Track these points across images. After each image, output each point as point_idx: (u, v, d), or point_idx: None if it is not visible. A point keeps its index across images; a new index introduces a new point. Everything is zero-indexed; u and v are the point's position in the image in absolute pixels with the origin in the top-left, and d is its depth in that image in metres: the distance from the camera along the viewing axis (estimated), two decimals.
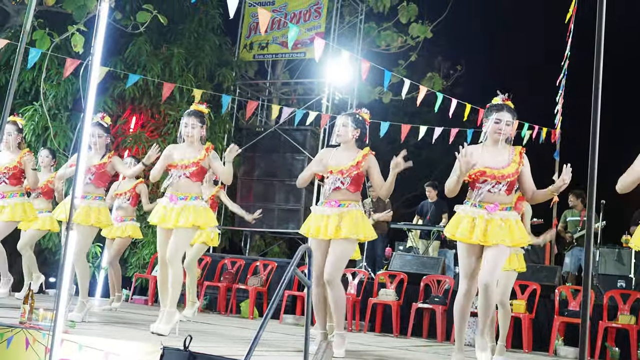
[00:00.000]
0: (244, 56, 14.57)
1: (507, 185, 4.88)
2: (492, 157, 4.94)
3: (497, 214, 4.84)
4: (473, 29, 19.84)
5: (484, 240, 4.80)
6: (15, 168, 6.71)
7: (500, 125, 4.96)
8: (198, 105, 5.93)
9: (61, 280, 3.83)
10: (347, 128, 5.40)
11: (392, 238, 11.99)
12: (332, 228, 5.20)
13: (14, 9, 11.84)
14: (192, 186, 5.65)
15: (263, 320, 3.29)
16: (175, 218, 5.51)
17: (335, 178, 5.30)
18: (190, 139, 5.73)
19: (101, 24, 4.11)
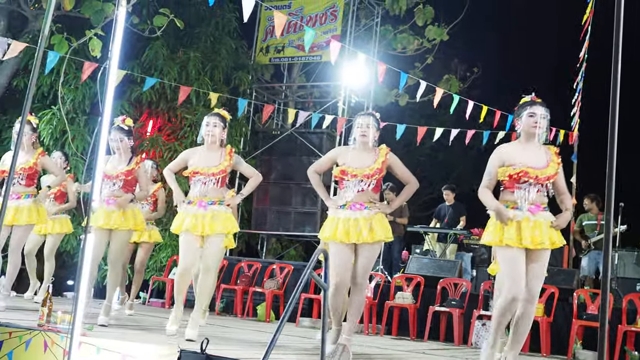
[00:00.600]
0: (260, 59, 14.61)
1: (549, 186, 4.74)
2: (530, 157, 4.77)
3: (541, 214, 4.70)
4: (489, 31, 19.78)
5: (533, 244, 4.62)
6: (30, 169, 6.58)
7: (535, 119, 4.78)
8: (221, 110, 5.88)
9: (79, 283, 3.85)
10: (371, 129, 5.26)
11: (409, 241, 11.96)
12: (366, 232, 5.09)
13: (32, 14, 11.94)
14: (220, 191, 5.59)
15: (279, 323, 3.29)
16: (209, 225, 5.45)
17: (358, 181, 5.17)
18: (212, 139, 5.63)
19: (118, 28, 4.13)
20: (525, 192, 4.71)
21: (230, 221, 5.56)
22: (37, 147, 6.79)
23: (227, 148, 5.70)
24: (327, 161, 5.44)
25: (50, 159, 6.80)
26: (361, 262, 5.14)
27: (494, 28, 19.80)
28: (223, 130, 5.68)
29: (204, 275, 5.49)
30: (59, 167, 6.89)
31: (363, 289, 5.19)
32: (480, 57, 18.61)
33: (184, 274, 5.52)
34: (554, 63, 19.08)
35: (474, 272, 10.60)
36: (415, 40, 15.71)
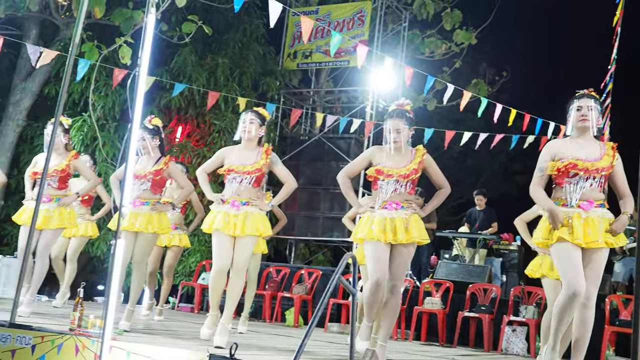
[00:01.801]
0: (288, 65, 14.66)
1: (602, 180, 4.53)
2: (581, 149, 4.57)
3: (594, 211, 4.48)
4: (518, 34, 19.64)
5: (586, 242, 4.41)
6: (63, 171, 6.52)
7: (583, 111, 4.61)
8: (260, 108, 5.73)
9: (109, 288, 3.89)
10: (402, 133, 5.10)
11: (438, 246, 11.89)
12: (402, 232, 4.98)
13: (63, 22, 12.11)
14: (255, 192, 5.43)
15: (308, 329, 3.29)
16: (241, 226, 5.30)
17: (394, 181, 5.06)
18: (248, 135, 5.45)
19: (148, 36, 4.17)
20: (575, 186, 4.52)
21: (263, 223, 5.39)
22: (70, 149, 6.76)
23: (265, 146, 5.51)
24: (360, 162, 5.29)
25: (84, 162, 6.82)
26: (397, 263, 5.02)
27: (523, 31, 19.67)
28: (260, 128, 5.49)
29: (233, 279, 5.34)
30: (91, 171, 6.92)
31: (399, 292, 5.05)
32: (508, 60, 18.49)
33: (218, 274, 5.36)
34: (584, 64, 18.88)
35: (504, 278, 10.51)
36: (443, 45, 15.67)
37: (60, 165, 6.52)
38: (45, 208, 6.41)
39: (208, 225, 5.43)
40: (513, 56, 19.04)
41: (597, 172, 4.50)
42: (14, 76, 12.43)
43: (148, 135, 6.18)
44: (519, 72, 18.44)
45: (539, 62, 19.82)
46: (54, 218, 6.45)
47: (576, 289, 4.37)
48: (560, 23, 20.53)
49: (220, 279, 5.39)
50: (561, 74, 19.67)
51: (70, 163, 6.56)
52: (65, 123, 6.77)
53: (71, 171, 6.64)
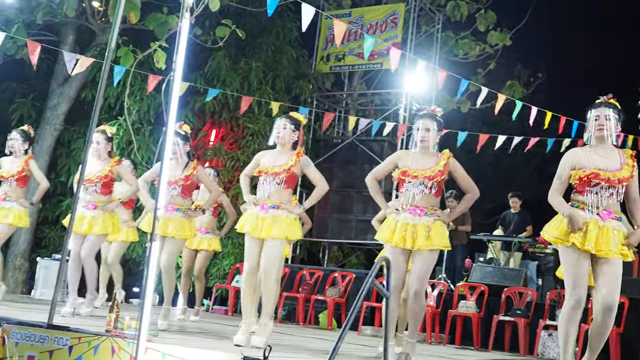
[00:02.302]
0: (321, 68, 14.68)
1: (622, 190, 4.51)
2: (602, 159, 4.56)
3: (611, 222, 4.48)
4: (553, 34, 19.42)
5: (596, 249, 4.42)
6: (106, 177, 6.66)
7: (600, 121, 4.58)
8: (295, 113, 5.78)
9: (145, 290, 3.92)
10: (431, 132, 5.18)
11: (472, 249, 11.79)
12: (423, 239, 5.02)
13: (99, 28, 12.28)
14: (285, 194, 5.42)
15: (341, 332, 3.28)
16: (267, 229, 5.32)
17: (419, 183, 5.10)
18: (281, 140, 5.48)
19: (182, 40, 4.21)
20: (597, 196, 4.51)
21: (290, 227, 5.37)
22: (114, 156, 6.89)
23: (297, 149, 5.51)
24: (387, 164, 5.36)
25: (126, 167, 6.93)
26: (417, 269, 5.06)
27: (558, 31, 19.45)
28: (293, 133, 5.50)
29: (262, 282, 5.38)
30: (133, 176, 7.04)
31: (421, 296, 5.08)
32: (544, 61, 18.31)
33: (247, 276, 5.44)
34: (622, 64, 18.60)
35: (540, 281, 10.38)
36: (477, 46, 15.57)
37: (103, 171, 6.67)
38: (91, 215, 6.58)
39: (239, 226, 5.51)
40: (548, 57, 18.88)
41: (619, 182, 4.49)
42: (52, 81, 12.65)
43: (180, 140, 6.26)
44: (555, 73, 18.26)
45: (574, 63, 19.57)
46: (98, 224, 6.60)
47: (578, 298, 4.43)
48: (596, 22, 20.26)
49: (249, 281, 5.44)
50: (597, 75, 19.42)
51: (112, 169, 6.71)
52: (109, 132, 6.90)
53: (114, 177, 6.80)
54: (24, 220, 7.33)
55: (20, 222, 7.28)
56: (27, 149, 7.38)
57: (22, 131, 7.42)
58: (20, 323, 4.67)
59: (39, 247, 12.56)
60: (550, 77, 17.99)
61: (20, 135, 7.33)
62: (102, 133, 6.78)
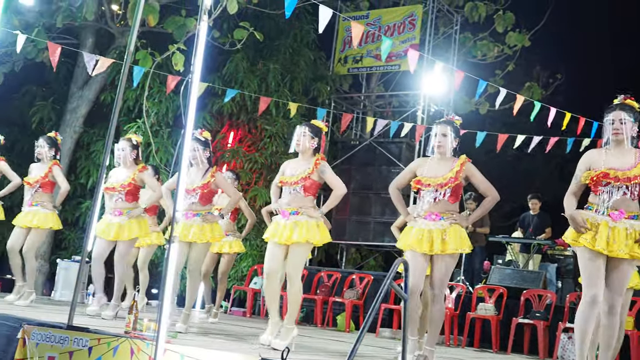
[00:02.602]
0: (339, 70, 14.68)
1: (635, 189, 4.52)
2: (616, 159, 4.59)
3: (623, 222, 4.49)
4: (573, 35, 19.28)
5: (607, 250, 4.45)
6: (129, 185, 6.77)
7: (615, 125, 4.61)
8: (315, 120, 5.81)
9: (163, 292, 3.94)
10: (448, 138, 5.24)
11: (491, 251, 11.73)
12: (438, 243, 5.07)
13: (118, 31, 12.36)
14: (305, 200, 5.49)
15: (360, 334, 3.28)
16: (288, 234, 5.39)
17: (433, 190, 5.17)
18: (299, 148, 5.57)
19: (200, 43, 4.23)
20: (607, 195, 4.56)
21: (311, 231, 5.41)
22: (140, 162, 6.97)
23: (317, 156, 5.58)
24: (406, 173, 5.45)
25: (149, 174, 6.97)
26: (436, 272, 5.13)
27: (577, 32, 19.30)
28: (312, 140, 5.56)
29: (288, 287, 5.47)
30: (156, 183, 7.08)
31: (441, 299, 5.14)
32: (563, 62, 18.17)
33: (267, 281, 5.50)
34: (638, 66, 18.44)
35: (559, 284, 10.30)
36: (496, 47, 15.49)
37: (126, 179, 6.79)
38: (117, 222, 6.70)
39: (265, 236, 5.65)
40: (567, 58, 18.72)
41: (629, 180, 4.51)
42: (71, 84, 12.74)
43: (200, 146, 6.29)
44: (574, 74, 18.12)
45: (594, 64, 19.43)
46: (125, 230, 6.71)
47: (594, 296, 4.46)
48: (616, 22, 20.10)
49: (268, 284, 5.49)
50: (617, 74, 19.26)
51: (135, 177, 6.80)
52: (135, 139, 6.98)
53: (138, 184, 6.88)
54: (51, 222, 7.46)
55: (47, 224, 7.42)
56: (54, 155, 7.52)
57: (49, 138, 7.60)
58: (41, 324, 4.72)
59: (59, 248, 12.65)
60: (570, 78, 17.87)
61: (46, 142, 7.51)
62: (127, 140, 6.92)
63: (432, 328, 5.18)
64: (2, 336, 4.91)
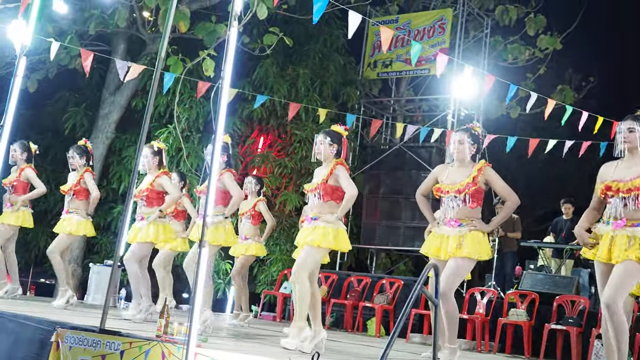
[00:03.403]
0: (368, 74, 14.66)
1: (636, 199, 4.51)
2: (625, 170, 4.65)
3: (625, 230, 4.52)
4: (606, 37, 19.05)
5: (607, 258, 4.54)
6: (147, 190, 6.89)
7: (624, 134, 4.69)
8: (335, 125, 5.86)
9: (194, 297, 3.96)
10: (464, 145, 5.29)
11: (522, 256, 11.61)
12: (452, 248, 5.12)
13: (149, 38, 12.49)
14: (323, 206, 5.51)
15: (390, 339, 3.27)
16: (304, 238, 5.48)
17: (452, 197, 5.21)
18: (318, 156, 5.63)
19: (230, 48, 4.25)
20: (613, 207, 4.62)
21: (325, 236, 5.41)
22: (163, 168, 7.08)
23: (333, 161, 5.60)
24: (428, 180, 5.52)
25: (166, 179, 7.03)
26: (445, 273, 5.09)
27: (609, 35, 19.06)
28: (331, 146, 5.58)
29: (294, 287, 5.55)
30: (173, 187, 7.12)
31: (449, 299, 5.09)
32: (596, 65, 17.94)
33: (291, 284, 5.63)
34: None
35: (593, 289, 10.16)
36: (527, 51, 15.36)
37: (146, 185, 6.95)
38: (138, 226, 6.87)
39: None
40: (601, 60, 18.47)
41: (629, 192, 4.55)
42: (103, 90, 12.90)
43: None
44: (608, 76, 17.89)
45: (629, 65, 19.14)
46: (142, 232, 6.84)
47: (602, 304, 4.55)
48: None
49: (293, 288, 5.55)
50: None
51: (154, 182, 6.92)
52: (156, 146, 7.09)
53: (157, 189, 6.96)
54: (85, 229, 7.57)
55: (80, 231, 7.53)
56: (87, 162, 7.65)
57: (78, 147, 7.71)
58: (74, 327, 4.77)
59: (91, 253, 12.81)
60: (603, 80, 17.64)
61: (75, 152, 7.63)
62: (149, 147, 7.05)
63: (447, 327, 5.16)
64: (36, 339, 4.97)
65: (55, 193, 12.36)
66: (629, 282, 4.54)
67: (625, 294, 4.62)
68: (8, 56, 11.48)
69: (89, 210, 7.61)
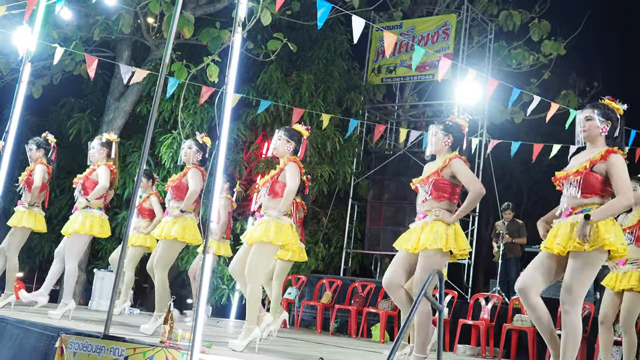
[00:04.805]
0: (372, 80, 14.66)
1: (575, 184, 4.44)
2: (577, 160, 4.61)
3: (566, 219, 4.47)
4: (609, 43, 19.02)
5: (549, 246, 4.53)
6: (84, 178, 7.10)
7: (582, 123, 4.60)
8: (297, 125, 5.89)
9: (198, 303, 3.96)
10: (437, 137, 5.30)
11: (527, 262, 11.57)
12: (412, 242, 5.05)
13: (154, 44, 12.51)
14: (271, 202, 5.48)
15: (394, 344, 3.26)
16: (250, 234, 5.46)
17: (421, 190, 5.19)
18: (275, 152, 5.70)
19: (234, 54, 4.26)
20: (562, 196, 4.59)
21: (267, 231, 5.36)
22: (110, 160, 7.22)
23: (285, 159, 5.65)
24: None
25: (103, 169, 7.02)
26: (416, 271, 5.04)
27: (615, 39, 19.04)
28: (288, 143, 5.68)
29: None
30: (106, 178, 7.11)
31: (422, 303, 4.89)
32: (600, 70, 17.89)
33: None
34: None
35: (597, 295, 10.14)
36: (531, 56, 15.34)
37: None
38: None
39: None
40: (605, 65, 18.44)
41: (566, 178, 4.52)
42: (108, 96, 12.92)
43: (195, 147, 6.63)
44: (613, 81, 17.83)
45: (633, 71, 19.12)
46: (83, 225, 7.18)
47: (517, 286, 4.57)
48: None
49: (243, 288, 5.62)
50: None
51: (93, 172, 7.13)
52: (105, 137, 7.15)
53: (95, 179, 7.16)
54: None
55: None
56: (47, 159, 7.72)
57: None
58: (78, 333, 4.77)
59: (95, 258, 12.81)
60: (607, 86, 17.58)
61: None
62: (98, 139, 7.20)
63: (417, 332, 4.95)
64: (41, 345, 4.98)
65: (60, 199, 12.38)
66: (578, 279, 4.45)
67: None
68: (13, 62, 11.53)
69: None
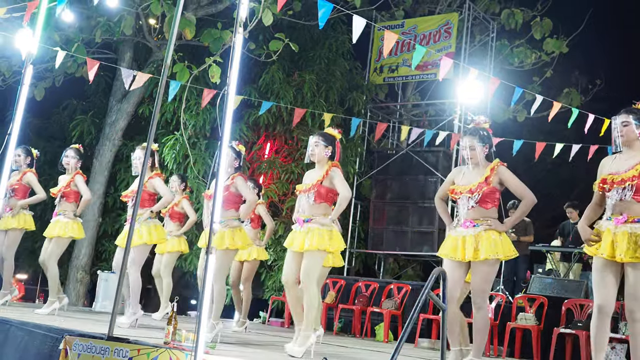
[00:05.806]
0: (374, 79, 14.65)
1: (633, 190, 4.45)
2: (622, 163, 4.61)
3: (625, 226, 4.45)
4: (613, 40, 18.98)
5: (610, 255, 4.45)
6: (133, 192, 6.90)
7: (618, 128, 4.65)
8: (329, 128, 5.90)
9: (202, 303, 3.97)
10: (476, 150, 5.23)
11: (531, 260, 11.57)
12: (470, 251, 5.06)
13: (155, 45, 12.53)
14: (317, 208, 5.51)
15: (398, 344, 3.26)
16: (301, 242, 5.43)
17: (466, 198, 5.17)
18: (316, 158, 5.62)
19: (236, 55, 4.26)
20: (610, 201, 4.58)
21: (322, 239, 5.41)
22: (155, 169, 7.10)
23: (328, 164, 5.60)
24: (446, 183, 5.49)
25: (159, 181, 7.02)
26: (474, 281, 5.12)
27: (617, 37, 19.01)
28: (326, 148, 5.58)
29: (304, 293, 5.48)
30: (166, 188, 7.12)
31: (481, 308, 5.10)
32: (603, 68, 17.85)
33: (285, 288, 5.62)
34: None
35: None
36: (533, 54, 15.33)
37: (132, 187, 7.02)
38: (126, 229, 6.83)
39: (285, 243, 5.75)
40: (607, 63, 18.39)
41: (622, 183, 4.51)
42: (110, 98, 12.95)
43: (233, 154, 6.39)
44: (615, 79, 17.80)
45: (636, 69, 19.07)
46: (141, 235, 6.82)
47: (599, 303, 4.49)
48: None
49: (287, 292, 5.58)
50: None
51: (146, 183, 6.88)
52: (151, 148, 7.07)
53: (149, 190, 6.96)
54: (72, 231, 7.50)
55: (66, 233, 7.44)
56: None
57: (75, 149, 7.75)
58: (82, 335, 4.77)
59: (99, 260, 12.83)
60: (610, 83, 17.55)
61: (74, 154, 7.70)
62: (141, 149, 7.09)
63: (476, 337, 5.13)
64: (45, 347, 4.98)
65: None
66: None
67: None
68: (15, 65, 11.55)
69: (77, 211, 7.57)
